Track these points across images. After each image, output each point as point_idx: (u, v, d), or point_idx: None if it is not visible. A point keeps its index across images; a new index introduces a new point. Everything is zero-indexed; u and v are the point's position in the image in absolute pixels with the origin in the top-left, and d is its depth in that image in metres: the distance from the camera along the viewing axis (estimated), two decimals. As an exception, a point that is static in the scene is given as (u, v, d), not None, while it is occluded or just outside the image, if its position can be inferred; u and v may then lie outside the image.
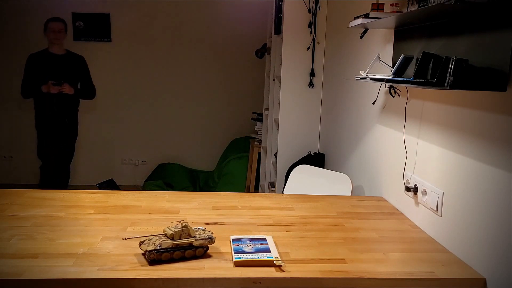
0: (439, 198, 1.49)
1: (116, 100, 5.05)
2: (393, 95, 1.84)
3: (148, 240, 1.28)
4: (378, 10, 1.73)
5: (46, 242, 1.36)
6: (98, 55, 4.95)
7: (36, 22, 4.82)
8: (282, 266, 1.23)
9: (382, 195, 2.00)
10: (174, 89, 5.09)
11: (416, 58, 1.61)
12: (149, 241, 1.27)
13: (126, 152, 5.17)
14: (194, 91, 5.13)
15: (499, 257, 1.19)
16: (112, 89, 5.04)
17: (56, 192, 1.86)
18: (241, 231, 1.50)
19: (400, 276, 1.23)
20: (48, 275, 1.15)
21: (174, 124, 5.16)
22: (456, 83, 1.20)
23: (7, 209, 1.65)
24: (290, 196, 1.97)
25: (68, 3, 4.80)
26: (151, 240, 1.27)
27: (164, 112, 5.12)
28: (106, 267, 1.21)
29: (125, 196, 1.86)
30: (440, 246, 1.45)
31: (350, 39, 2.53)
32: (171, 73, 5.04)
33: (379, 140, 2.06)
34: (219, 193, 1.98)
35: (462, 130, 1.39)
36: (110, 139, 5.13)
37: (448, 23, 1.42)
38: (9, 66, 4.90)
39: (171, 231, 1.28)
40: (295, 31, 3.12)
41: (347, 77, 2.56)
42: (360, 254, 1.36)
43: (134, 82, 5.03)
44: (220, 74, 5.11)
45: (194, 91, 5.13)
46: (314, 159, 3.08)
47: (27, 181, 4.99)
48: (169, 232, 1.28)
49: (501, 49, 1.16)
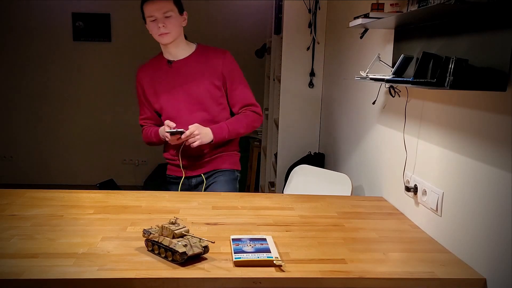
0: (439, 198, 1.49)
1: (116, 100, 5.05)
2: (393, 95, 1.84)
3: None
4: (378, 10, 1.73)
5: (46, 242, 1.36)
6: (98, 55, 4.95)
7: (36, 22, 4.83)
8: (282, 266, 1.23)
9: (382, 195, 2.00)
10: (174, 89, 5.08)
11: (416, 58, 1.61)
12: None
13: (126, 152, 5.18)
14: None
15: (499, 257, 1.19)
16: (112, 89, 5.04)
17: (56, 192, 1.86)
18: (241, 231, 1.50)
19: (400, 276, 1.23)
20: (48, 275, 1.15)
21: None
22: (456, 83, 1.20)
23: (7, 209, 1.65)
24: (290, 196, 1.97)
25: (68, 3, 4.80)
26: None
27: (164, 112, 5.11)
28: (106, 267, 1.21)
29: (125, 196, 1.86)
30: (440, 246, 1.45)
31: (350, 39, 2.53)
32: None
33: (379, 140, 2.06)
34: (219, 193, 1.98)
35: (462, 130, 1.39)
36: (110, 139, 5.13)
37: (448, 23, 1.42)
38: (9, 66, 4.90)
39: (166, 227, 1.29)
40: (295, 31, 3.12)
41: (347, 77, 2.56)
42: (360, 254, 1.36)
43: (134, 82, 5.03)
44: (220, 74, 5.10)
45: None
46: (314, 159, 3.08)
47: (27, 181, 4.99)
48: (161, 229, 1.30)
49: (501, 49, 1.16)
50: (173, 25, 2.00)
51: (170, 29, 1.99)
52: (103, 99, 5.05)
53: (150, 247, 1.30)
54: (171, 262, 1.24)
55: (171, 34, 2.01)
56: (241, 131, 2.10)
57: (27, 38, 4.85)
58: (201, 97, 2.06)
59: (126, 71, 4.99)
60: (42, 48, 4.89)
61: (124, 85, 5.02)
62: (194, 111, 2.07)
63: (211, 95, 2.07)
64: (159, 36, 2.01)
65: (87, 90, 5.03)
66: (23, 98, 4.97)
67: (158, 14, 1.96)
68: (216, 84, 2.06)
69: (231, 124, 2.07)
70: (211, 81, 2.05)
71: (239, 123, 2.09)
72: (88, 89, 5.03)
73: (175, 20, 2.00)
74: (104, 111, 5.07)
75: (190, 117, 2.05)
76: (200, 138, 1.96)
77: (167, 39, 2.01)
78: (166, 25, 1.98)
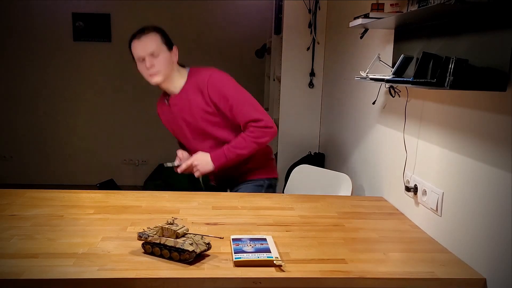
0: (439, 198, 1.49)
1: (116, 100, 5.05)
2: (393, 95, 1.84)
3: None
4: (378, 10, 1.73)
5: (46, 242, 1.35)
6: (98, 55, 4.94)
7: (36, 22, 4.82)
8: (282, 266, 1.23)
9: (382, 195, 2.00)
10: (174, 89, 5.08)
11: (416, 58, 1.61)
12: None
13: (126, 152, 5.17)
14: (194, 91, 5.12)
15: (499, 257, 1.19)
16: (112, 89, 5.03)
17: (56, 192, 1.86)
18: (241, 231, 1.50)
19: (400, 276, 1.23)
20: (48, 275, 1.15)
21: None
22: (456, 83, 1.20)
23: (7, 209, 1.65)
24: (290, 196, 1.97)
25: (68, 3, 4.80)
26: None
27: (164, 112, 5.11)
28: (106, 267, 1.21)
29: (125, 196, 1.85)
30: (440, 246, 1.45)
31: (350, 39, 2.53)
32: (171, 73, 5.03)
33: (379, 140, 2.06)
34: (219, 193, 1.98)
35: (462, 130, 1.39)
36: (110, 139, 5.13)
37: (448, 23, 1.42)
38: (9, 66, 4.90)
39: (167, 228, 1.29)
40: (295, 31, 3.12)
41: (347, 77, 2.56)
42: (360, 254, 1.36)
43: (134, 82, 5.03)
44: (220, 74, 5.10)
45: (194, 91, 5.12)
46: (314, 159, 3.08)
47: (27, 181, 4.99)
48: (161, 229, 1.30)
49: (501, 49, 1.16)
50: (161, 64, 1.92)
51: (158, 68, 1.92)
52: (103, 99, 5.04)
53: (150, 250, 1.28)
54: (179, 262, 1.24)
55: (161, 73, 1.93)
56: (242, 152, 1.96)
57: (27, 38, 4.85)
58: (201, 126, 2.02)
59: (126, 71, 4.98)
60: (42, 48, 4.88)
61: (124, 85, 5.01)
62: (202, 140, 2.06)
63: (210, 122, 2.01)
64: (149, 77, 1.94)
65: (87, 90, 5.02)
66: (23, 98, 4.96)
67: (145, 54, 1.90)
68: (209, 111, 1.98)
69: (229, 149, 1.97)
70: (203, 108, 1.98)
71: (239, 145, 1.96)
72: (88, 89, 5.02)
73: (164, 58, 1.93)
74: (104, 111, 5.07)
75: (200, 146, 2.05)
76: (199, 169, 1.97)
77: (156, 79, 1.94)
78: (154, 65, 1.91)
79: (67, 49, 4.90)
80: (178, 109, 2.05)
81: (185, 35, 4.94)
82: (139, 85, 5.03)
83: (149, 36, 1.92)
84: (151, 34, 1.93)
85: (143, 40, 1.91)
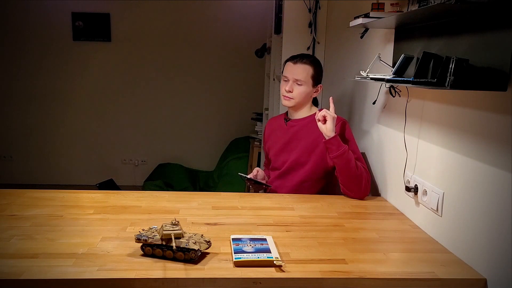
0: (439, 198, 1.49)
1: (116, 100, 5.05)
2: (394, 95, 1.84)
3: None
4: (379, 9, 1.73)
5: (46, 242, 1.35)
6: (98, 55, 4.94)
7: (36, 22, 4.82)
8: (282, 266, 1.23)
9: (382, 195, 2.00)
10: (174, 89, 5.09)
11: (417, 58, 1.61)
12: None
13: (126, 152, 5.17)
14: (194, 91, 5.13)
15: (499, 257, 1.19)
16: (112, 89, 5.04)
17: (56, 192, 1.86)
18: (241, 231, 1.50)
19: (400, 276, 1.23)
20: (48, 275, 1.15)
21: (174, 124, 5.16)
22: (457, 83, 1.20)
23: (7, 209, 1.64)
24: (290, 196, 1.97)
25: (68, 3, 4.80)
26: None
27: (164, 112, 5.12)
28: (106, 267, 1.20)
29: (125, 196, 1.85)
30: (440, 246, 1.45)
31: (350, 39, 2.52)
32: (171, 73, 5.04)
33: (380, 140, 2.06)
34: (219, 193, 1.98)
35: (463, 130, 1.38)
36: (110, 139, 5.13)
37: (449, 23, 1.42)
38: (9, 66, 4.90)
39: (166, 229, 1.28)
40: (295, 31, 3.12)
41: (347, 77, 2.56)
42: (360, 254, 1.35)
43: (134, 82, 5.03)
44: (220, 74, 5.11)
45: (194, 91, 5.13)
46: (314, 159, 3.07)
47: (27, 181, 4.99)
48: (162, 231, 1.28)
49: (501, 49, 1.16)
50: (298, 94, 2.04)
51: (294, 95, 2.04)
52: (103, 99, 5.04)
53: (150, 251, 1.27)
54: (184, 262, 1.24)
55: (293, 100, 2.06)
56: (350, 165, 1.87)
57: (27, 38, 4.85)
58: (308, 154, 2.05)
59: (126, 71, 4.99)
60: (42, 48, 4.88)
61: (123, 85, 5.02)
62: (299, 167, 2.07)
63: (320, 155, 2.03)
64: (283, 97, 2.08)
65: (87, 90, 5.02)
66: (23, 98, 4.96)
67: (291, 77, 2.03)
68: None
69: (349, 152, 1.89)
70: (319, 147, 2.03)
71: (353, 161, 1.89)
72: (88, 89, 5.02)
73: (304, 90, 2.04)
74: (104, 111, 5.07)
75: (292, 172, 2.10)
76: (328, 120, 1.89)
77: (287, 103, 2.07)
78: (292, 92, 2.04)
79: (66, 49, 4.91)
80: (295, 130, 2.11)
81: (185, 35, 4.94)
82: (139, 85, 5.05)
83: (304, 66, 2.05)
84: (307, 65, 2.06)
85: (298, 66, 2.05)
